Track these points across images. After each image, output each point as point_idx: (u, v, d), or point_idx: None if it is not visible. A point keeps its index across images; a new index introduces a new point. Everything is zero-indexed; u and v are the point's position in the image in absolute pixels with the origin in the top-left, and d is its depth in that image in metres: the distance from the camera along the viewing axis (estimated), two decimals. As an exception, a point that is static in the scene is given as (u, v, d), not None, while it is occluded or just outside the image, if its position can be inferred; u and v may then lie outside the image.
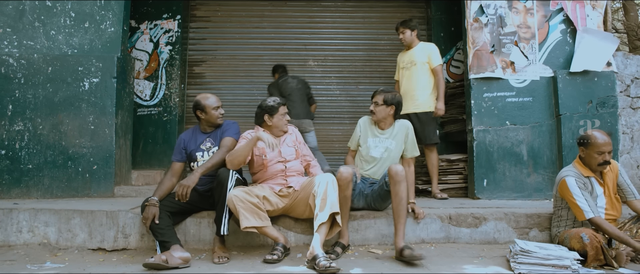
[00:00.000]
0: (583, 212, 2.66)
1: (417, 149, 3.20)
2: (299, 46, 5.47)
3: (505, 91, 4.02)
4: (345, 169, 2.82)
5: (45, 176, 3.68)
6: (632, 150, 4.09)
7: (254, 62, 5.41)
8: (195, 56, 5.41)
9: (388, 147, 3.16)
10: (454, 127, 4.73)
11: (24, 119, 3.71)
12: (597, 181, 2.83)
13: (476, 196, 3.92)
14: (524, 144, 3.97)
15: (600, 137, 2.78)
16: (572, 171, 2.83)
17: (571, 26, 4.09)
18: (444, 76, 5.19)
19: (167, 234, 2.68)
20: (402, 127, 3.17)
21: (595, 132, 2.81)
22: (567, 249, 2.57)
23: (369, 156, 3.19)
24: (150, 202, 2.71)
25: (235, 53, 5.42)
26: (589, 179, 2.81)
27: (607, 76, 3.98)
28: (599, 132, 2.82)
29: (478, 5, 4.12)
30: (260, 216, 2.69)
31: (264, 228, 2.71)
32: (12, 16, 3.82)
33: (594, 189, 2.80)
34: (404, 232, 2.76)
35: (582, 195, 2.70)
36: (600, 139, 2.77)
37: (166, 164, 5.00)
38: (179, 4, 5.20)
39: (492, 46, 4.07)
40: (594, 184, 2.81)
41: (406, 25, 4.13)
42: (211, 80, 5.39)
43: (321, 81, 5.43)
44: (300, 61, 5.45)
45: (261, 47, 5.42)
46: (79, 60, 3.79)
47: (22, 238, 2.96)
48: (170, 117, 5.08)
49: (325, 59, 5.46)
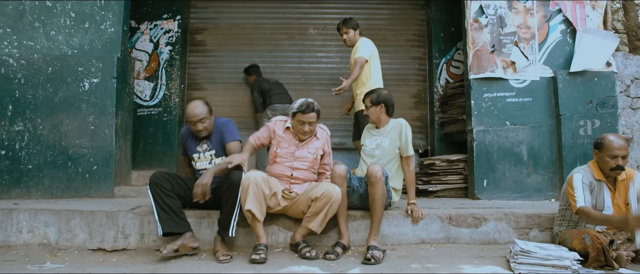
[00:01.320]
0: (575, 201, 2.63)
1: (411, 148, 3.18)
2: (299, 15, 5.52)
3: (505, 91, 4.02)
4: (339, 167, 2.87)
5: (45, 176, 3.68)
6: (632, 150, 4.09)
7: (255, 30, 5.44)
8: (197, 25, 5.45)
9: (381, 144, 3.16)
10: (454, 127, 4.73)
11: (24, 119, 3.71)
12: (608, 186, 2.74)
13: (476, 196, 3.93)
14: (524, 144, 3.97)
15: (614, 141, 2.67)
16: (583, 170, 2.77)
17: (571, 26, 4.09)
18: (444, 76, 5.21)
19: (184, 221, 2.77)
20: (396, 125, 3.17)
21: (611, 136, 2.71)
22: (567, 250, 2.56)
23: (366, 155, 3.21)
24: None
25: (236, 22, 5.46)
26: (599, 183, 2.72)
27: (607, 76, 3.98)
28: (615, 135, 2.72)
29: (478, 5, 4.12)
30: (261, 209, 2.72)
31: (257, 222, 2.74)
32: (12, 16, 3.82)
33: (602, 193, 2.72)
34: (376, 231, 2.84)
35: (581, 189, 2.66)
36: (615, 143, 2.67)
37: (166, 164, 5.00)
38: (179, 5, 5.20)
39: (492, 46, 4.07)
40: (603, 189, 2.73)
41: (348, 24, 4.12)
42: (212, 47, 5.43)
43: (321, 48, 5.47)
44: (300, 29, 5.48)
45: (263, 16, 5.45)
46: (79, 60, 3.80)
47: (22, 238, 2.96)
48: (170, 118, 5.08)
49: (325, 27, 5.46)
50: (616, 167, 2.66)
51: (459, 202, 3.73)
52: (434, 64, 5.22)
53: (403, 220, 3.07)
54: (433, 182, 4.26)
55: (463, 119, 4.46)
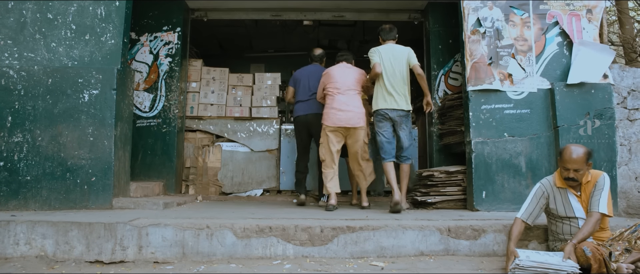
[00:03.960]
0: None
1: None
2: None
3: (503, 102, 4.05)
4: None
5: (43, 187, 3.67)
6: (630, 162, 4.10)
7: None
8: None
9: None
10: (453, 139, 4.74)
11: (23, 130, 3.72)
12: (572, 192, 2.82)
13: (475, 208, 3.92)
14: (522, 155, 3.98)
15: (567, 152, 2.73)
16: (546, 179, 2.93)
17: (567, 39, 4.13)
18: (443, 87, 5.24)
19: None
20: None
21: (572, 147, 2.75)
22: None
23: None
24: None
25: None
26: (564, 190, 2.82)
27: (604, 88, 4.01)
28: (575, 146, 2.75)
29: (475, 18, 4.17)
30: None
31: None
32: (13, 28, 3.85)
33: (568, 199, 2.81)
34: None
35: (531, 199, 2.87)
36: (566, 155, 2.73)
37: (165, 175, 5.00)
38: (179, 17, 5.24)
39: (489, 58, 4.10)
40: (568, 195, 2.82)
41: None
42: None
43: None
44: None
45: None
46: (79, 72, 3.81)
47: (19, 250, 2.94)
48: (169, 129, 5.09)
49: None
50: (568, 179, 2.77)
51: (458, 214, 3.72)
52: (433, 75, 5.25)
53: (402, 232, 3.06)
54: (432, 194, 4.26)
55: (461, 131, 4.47)
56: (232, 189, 5.64)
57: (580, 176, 2.73)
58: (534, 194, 2.88)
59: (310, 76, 4.67)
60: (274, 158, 5.74)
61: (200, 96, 5.72)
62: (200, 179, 5.53)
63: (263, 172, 5.72)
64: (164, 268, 2.80)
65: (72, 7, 3.90)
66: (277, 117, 5.81)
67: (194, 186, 5.50)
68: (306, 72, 4.74)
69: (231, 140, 5.73)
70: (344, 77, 4.20)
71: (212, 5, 5.63)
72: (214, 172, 5.60)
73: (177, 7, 5.26)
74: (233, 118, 5.74)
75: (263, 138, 5.75)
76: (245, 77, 5.94)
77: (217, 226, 2.99)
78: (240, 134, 5.72)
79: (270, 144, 5.75)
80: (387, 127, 4.15)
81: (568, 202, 2.80)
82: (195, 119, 5.68)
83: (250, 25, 6.90)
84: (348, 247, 3.00)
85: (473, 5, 4.18)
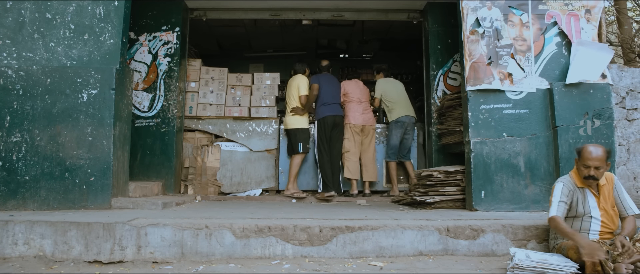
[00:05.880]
0: (549, 210, 2.74)
1: None
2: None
3: (502, 102, 4.05)
4: None
5: (42, 187, 3.66)
6: (628, 162, 4.11)
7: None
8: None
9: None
10: (452, 139, 4.75)
11: (21, 130, 3.71)
12: (591, 192, 2.83)
13: (474, 208, 3.92)
14: (521, 155, 3.98)
15: (588, 151, 2.75)
16: (566, 179, 2.88)
17: (566, 39, 4.13)
18: (441, 87, 5.24)
19: None
20: None
21: (590, 146, 2.79)
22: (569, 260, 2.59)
23: None
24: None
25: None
26: (582, 190, 2.82)
27: (602, 88, 4.01)
28: (594, 146, 2.79)
29: (474, 18, 4.17)
30: None
31: None
32: (11, 28, 3.84)
33: (586, 199, 2.81)
34: None
35: (559, 196, 2.77)
36: (587, 153, 2.75)
37: (164, 175, 4.99)
38: (178, 17, 5.24)
39: (488, 58, 4.11)
40: (587, 194, 2.82)
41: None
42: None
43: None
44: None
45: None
46: (78, 72, 3.80)
47: (18, 250, 2.93)
48: (168, 129, 5.08)
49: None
50: (588, 177, 2.76)
51: (457, 214, 3.72)
52: (431, 75, 5.26)
53: (401, 232, 3.06)
54: (431, 194, 4.26)
55: (460, 131, 4.47)
56: (231, 189, 5.64)
57: (600, 174, 2.76)
58: (562, 192, 2.79)
59: (329, 84, 5.54)
60: (273, 158, 5.74)
61: (199, 95, 5.71)
62: (199, 179, 5.53)
63: (262, 172, 5.72)
64: (162, 268, 2.80)
65: (71, 7, 3.89)
66: (276, 117, 5.81)
67: (192, 185, 5.50)
68: (325, 79, 5.56)
69: (230, 140, 5.73)
70: (358, 91, 5.72)
71: (211, 5, 5.62)
72: (213, 172, 5.59)
73: (176, 6, 5.26)
74: (232, 118, 5.74)
75: (262, 138, 5.75)
76: (244, 77, 5.94)
77: (216, 226, 2.99)
78: (239, 134, 5.72)
79: (269, 144, 5.75)
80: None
81: (586, 201, 2.81)
82: (194, 119, 5.68)
83: (249, 25, 6.90)
84: (347, 247, 3.01)
85: (472, 6, 4.18)
